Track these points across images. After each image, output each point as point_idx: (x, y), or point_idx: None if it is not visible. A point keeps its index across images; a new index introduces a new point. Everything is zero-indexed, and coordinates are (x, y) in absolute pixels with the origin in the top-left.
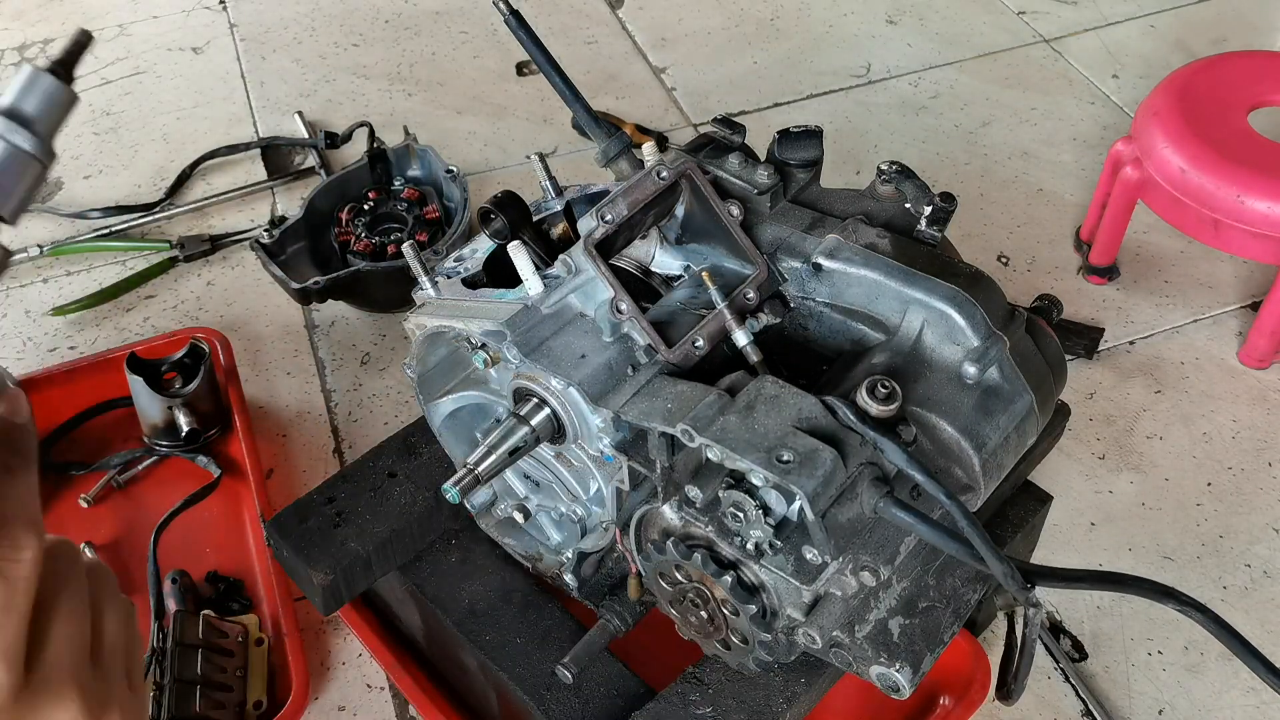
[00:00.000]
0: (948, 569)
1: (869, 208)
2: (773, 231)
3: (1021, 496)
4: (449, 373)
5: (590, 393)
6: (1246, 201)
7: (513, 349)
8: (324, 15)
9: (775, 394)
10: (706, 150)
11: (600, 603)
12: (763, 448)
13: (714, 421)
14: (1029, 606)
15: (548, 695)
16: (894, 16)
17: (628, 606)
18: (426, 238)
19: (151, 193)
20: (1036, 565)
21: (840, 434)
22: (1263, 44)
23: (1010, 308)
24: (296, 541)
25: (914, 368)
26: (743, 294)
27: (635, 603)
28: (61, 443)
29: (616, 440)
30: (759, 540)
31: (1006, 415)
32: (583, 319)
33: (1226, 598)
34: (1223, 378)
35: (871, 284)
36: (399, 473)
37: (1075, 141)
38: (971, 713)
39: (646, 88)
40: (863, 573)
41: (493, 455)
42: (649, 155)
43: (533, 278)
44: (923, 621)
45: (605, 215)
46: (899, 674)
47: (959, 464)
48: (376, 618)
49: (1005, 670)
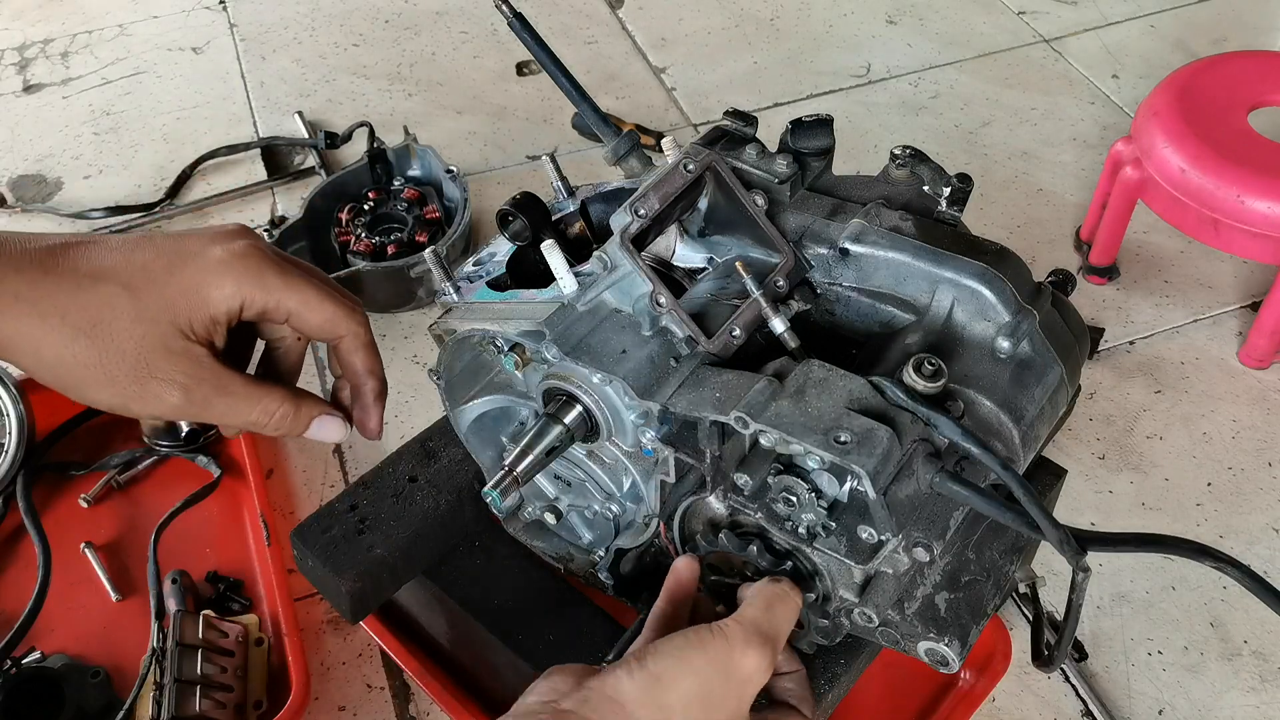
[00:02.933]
0: (985, 542)
1: (886, 192)
2: (796, 219)
3: (1038, 472)
4: (473, 378)
5: (635, 387)
6: (1247, 201)
7: (552, 348)
8: (324, 15)
9: (824, 377)
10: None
11: (638, 598)
12: (819, 430)
13: (767, 407)
14: (1081, 571)
15: None
16: (894, 16)
17: None
18: (427, 238)
19: (152, 192)
20: (1087, 531)
21: (891, 413)
22: (1263, 44)
23: (1036, 283)
24: (322, 550)
25: (948, 345)
26: (773, 282)
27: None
28: (61, 443)
29: (661, 433)
30: (811, 524)
31: (1040, 387)
32: (617, 315)
33: (1227, 598)
34: (1223, 378)
35: (899, 266)
36: (420, 477)
37: (1075, 141)
38: (993, 686)
39: (646, 88)
40: (916, 549)
41: (529, 455)
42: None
43: (567, 275)
44: (967, 595)
45: (639, 210)
46: (948, 648)
47: (998, 437)
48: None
49: (1037, 639)
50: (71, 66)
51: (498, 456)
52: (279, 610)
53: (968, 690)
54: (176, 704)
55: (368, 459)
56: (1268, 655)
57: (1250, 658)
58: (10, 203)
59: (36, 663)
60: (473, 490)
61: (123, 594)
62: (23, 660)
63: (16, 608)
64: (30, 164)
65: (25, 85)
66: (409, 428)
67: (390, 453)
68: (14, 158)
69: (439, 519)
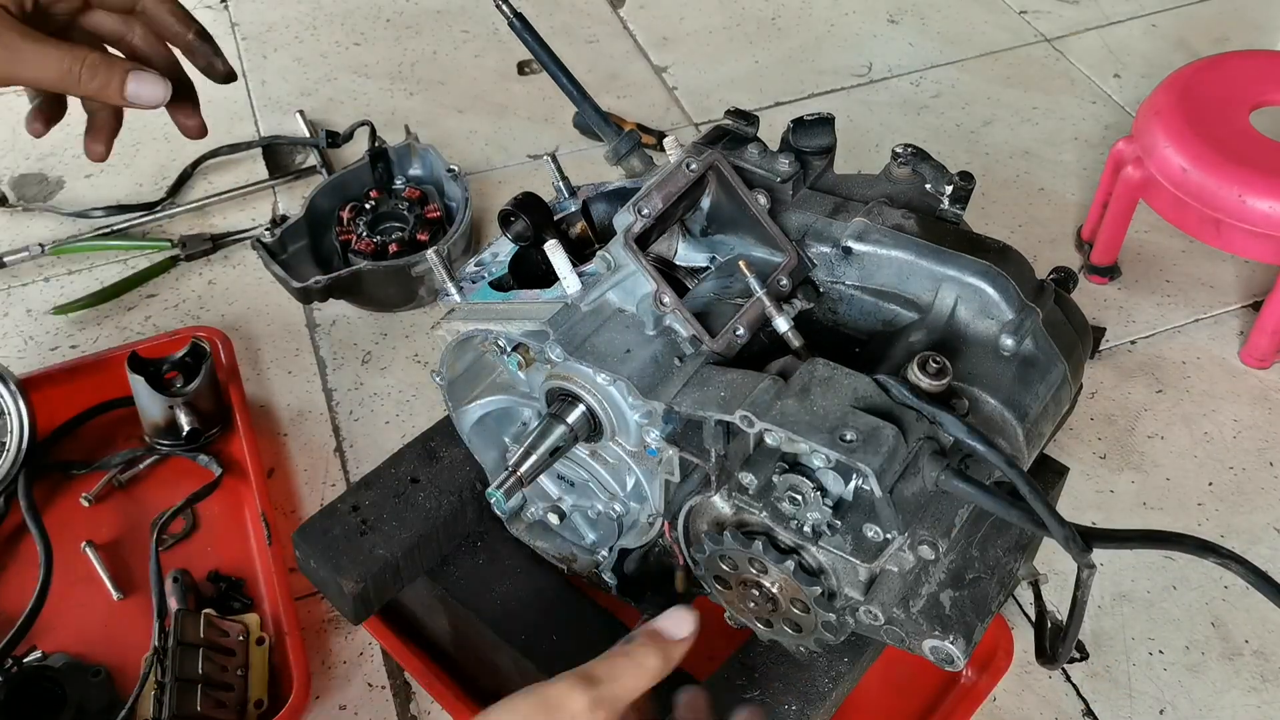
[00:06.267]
0: (989, 540)
1: (888, 190)
2: (798, 218)
3: (1040, 470)
4: (474, 379)
5: (640, 386)
6: (1248, 201)
7: (556, 348)
8: (325, 14)
9: (828, 375)
10: (724, 142)
11: (642, 598)
12: (824, 428)
13: (772, 406)
14: (1086, 568)
15: None
16: (895, 16)
17: (671, 600)
18: (428, 237)
19: (153, 191)
20: (1092, 528)
21: (896, 411)
22: (1265, 43)
23: (1039, 280)
24: (324, 550)
25: (951, 343)
26: (776, 281)
27: (678, 596)
28: (62, 442)
29: (665, 432)
30: (816, 522)
31: (1044, 385)
32: (621, 314)
33: (1228, 598)
34: (1224, 377)
35: (902, 264)
36: (422, 478)
37: (1076, 141)
38: (994, 685)
39: (648, 87)
40: (921, 547)
41: (533, 456)
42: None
43: (570, 275)
44: (971, 593)
45: (642, 209)
46: (953, 646)
47: (1002, 435)
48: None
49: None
50: None
51: (501, 457)
52: (280, 609)
53: (969, 688)
54: (177, 703)
55: (369, 459)
56: (1269, 655)
57: (1252, 658)
58: (12, 201)
59: (37, 662)
60: (475, 491)
61: (124, 593)
62: (24, 659)
63: (17, 607)
64: (32, 162)
65: None
66: (410, 427)
67: (392, 453)
68: (15, 156)
69: (441, 519)
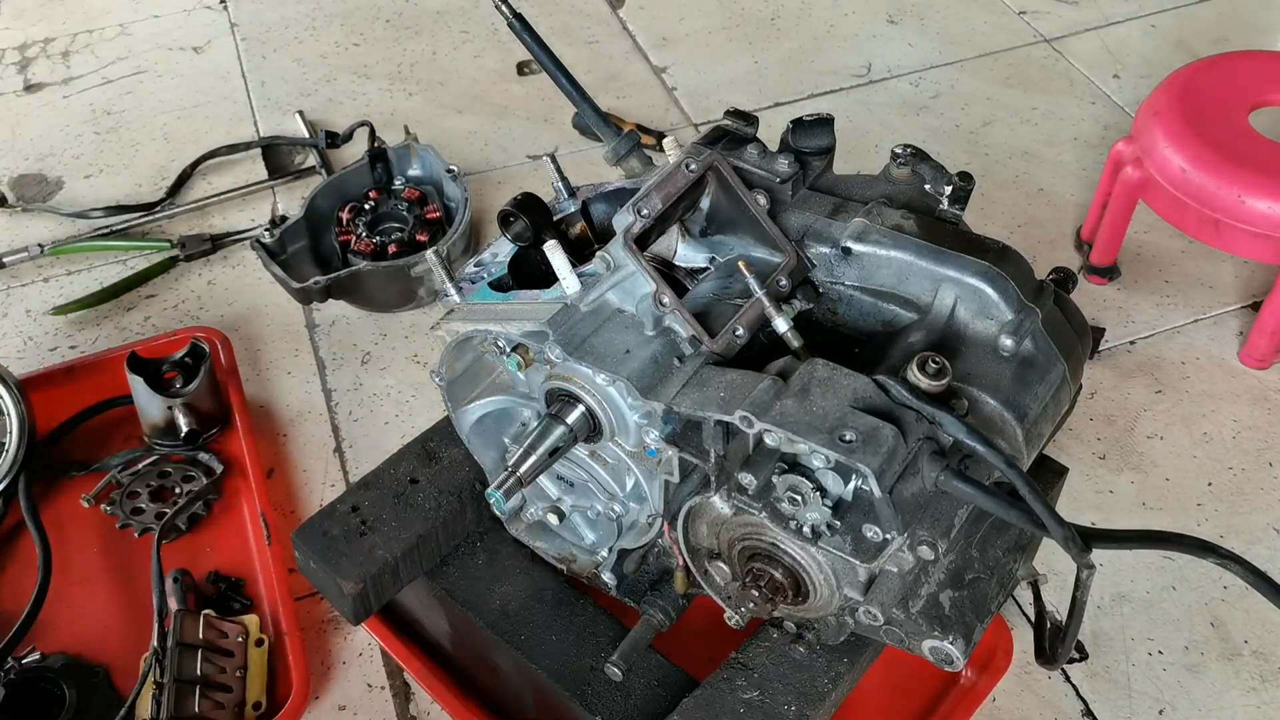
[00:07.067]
0: (989, 541)
1: (888, 191)
2: (798, 219)
3: (1039, 470)
4: (474, 379)
5: (639, 386)
6: (1247, 201)
7: (556, 348)
8: (325, 15)
9: (828, 376)
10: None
11: (641, 598)
12: (824, 429)
13: (772, 406)
14: (1085, 569)
15: (589, 690)
16: (895, 16)
17: (670, 600)
18: (427, 237)
19: (152, 192)
20: (1091, 528)
21: (896, 411)
22: (1264, 44)
23: (1038, 281)
24: (323, 551)
25: (950, 344)
26: (776, 281)
27: (678, 596)
28: (61, 442)
29: (665, 433)
30: (816, 522)
31: (1043, 385)
32: (620, 314)
33: (1227, 598)
34: (1223, 378)
35: (902, 264)
36: (421, 478)
37: (1076, 141)
38: (994, 685)
39: (647, 87)
40: (921, 547)
41: (532, 456)
42: (670, 150)
43: (570, 276)
44: (971, 593)
45: (641, 210)
46: (952, 646)
47: (1002, 435)
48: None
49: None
50: (72, 66)
51: (500, 458)
52: (279, 609)
53: (969, 689)
54: (175, 704)
55: (369, 459)
56: (1268, 655)
57: (1250, 658)
58: (11, 202)
59: (37, 662)
60: (474, 491)
61: (124, 593)
62: (23, 660)
63: (16, 608)
64: (31, 163)
65: (26, 84)
66: (410, 428)
67: (391, 453)
68: (15, 157)
69: (441, 520)
